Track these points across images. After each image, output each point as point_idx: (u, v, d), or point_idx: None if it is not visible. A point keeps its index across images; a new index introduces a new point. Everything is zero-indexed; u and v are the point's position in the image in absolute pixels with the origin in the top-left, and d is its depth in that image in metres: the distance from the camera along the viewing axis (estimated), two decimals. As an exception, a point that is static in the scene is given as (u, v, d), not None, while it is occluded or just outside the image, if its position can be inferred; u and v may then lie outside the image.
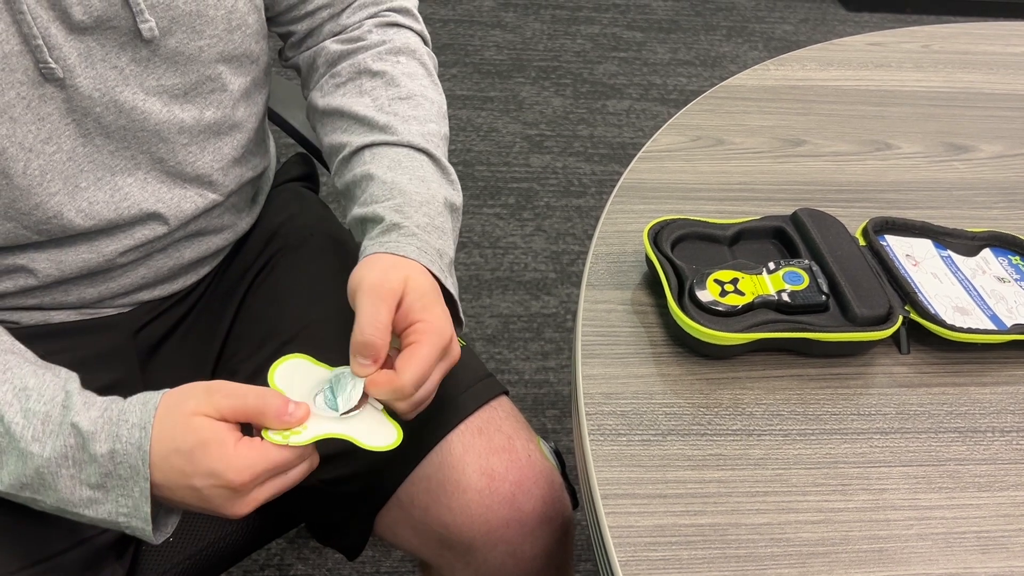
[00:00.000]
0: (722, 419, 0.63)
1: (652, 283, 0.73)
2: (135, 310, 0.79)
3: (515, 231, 2.00)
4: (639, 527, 0.55)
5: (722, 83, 1.02)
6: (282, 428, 0.58)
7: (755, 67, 1.05)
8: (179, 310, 0.83)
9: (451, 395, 0.75)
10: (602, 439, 0.61)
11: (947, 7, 3.06)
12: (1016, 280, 0.74)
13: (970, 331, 0.67)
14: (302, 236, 0.88)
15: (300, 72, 0.85)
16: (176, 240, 0.77)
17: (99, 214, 0.70)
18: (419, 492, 0.74)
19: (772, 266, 0.69)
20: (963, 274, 0.74)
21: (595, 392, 0.64)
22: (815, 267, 0.69)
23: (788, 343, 0.67)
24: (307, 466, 0.60)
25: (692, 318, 0.65)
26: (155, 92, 0.69)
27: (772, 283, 0.68)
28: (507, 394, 0.79)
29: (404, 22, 0.83)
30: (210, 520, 0.80)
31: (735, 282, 0.68)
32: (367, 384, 0.61)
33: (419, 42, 0.83)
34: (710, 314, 0.65)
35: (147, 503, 0.57)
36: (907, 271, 0.72)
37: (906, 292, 0.70)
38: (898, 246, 0.75)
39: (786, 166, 0.89)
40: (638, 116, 2.41)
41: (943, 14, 3.05)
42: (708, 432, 0.62)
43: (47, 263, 0.70)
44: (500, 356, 1.71)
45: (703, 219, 0.75)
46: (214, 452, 0.56)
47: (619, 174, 0.87)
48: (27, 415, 0.57)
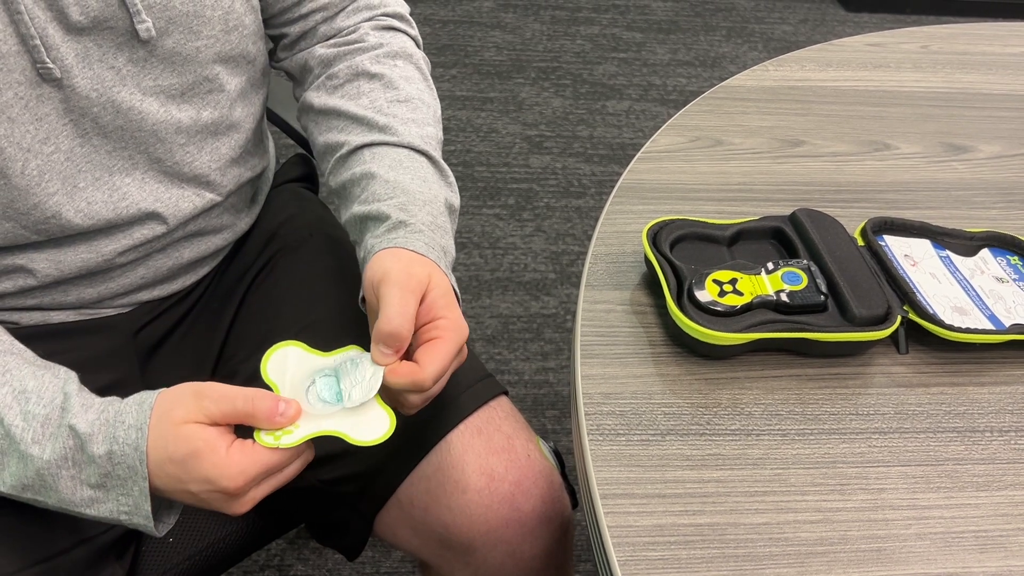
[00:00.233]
0: (721, 419, 0.63)
1: (651, 283, 0.73)
2: (135, 310, 0.79)
3: (515, 232, 2.00)
4: (638, 527, 0.55)
5: (721, 84, 1.02)
6: (273, 429, 0.58)
7: (754, 68, 1.05)
8: (179, 310, 0.83)
9: (451, 395, 0.75)
10: (601, 439, 0.61)
11: (946, 8, 3.06)
12: (1014, 280, 0.74)
13: (968, 331, 0.67)
14: (302, 236, 0.88)
15: (292, 75, 0.85)
16: (175, 240, 0.77)
17: (98, 214, 0.70)
18: (419, 492, 0.74)
19: (771, 266, 0.69)
20: (961, 274, 0.74)
21: (594, 392, 0.64)
22: (814, 267, 0.70)
23: (787, 343, 0.67)
24: (302, 461, 0.60)
25: (691, 318, 0.65)
26: (152, 92, 0.69)
27: (771, 283, 0.68)
28: (507, 394, 0.79)
29: (400, 26, 0.84)
30: (210, 521, 0.80)
31: (734, 282, 0.68)
32: (387, 373, 0.61)
33: (414, 47, 0.84)
34: (709, 314, 0.65)
35: (147, 501, 0.57)
36: (906, 271, 0.72)
37: (904, 292, 0.70)
38: (897, 246, 0.75)
39: (785, 166, 0.89)
40: (638, 117, 2.42)
41: (942, 14, 3.05)
42: (707, 432, 0.62)
43: (46, 263, 0.70)
44: (500, 356, 1.71)
45: (702, 219, 0.75)
46: (206, 460, 0.56)
47: (619, 175, 0.87)
48: (27, 418, 0.57)
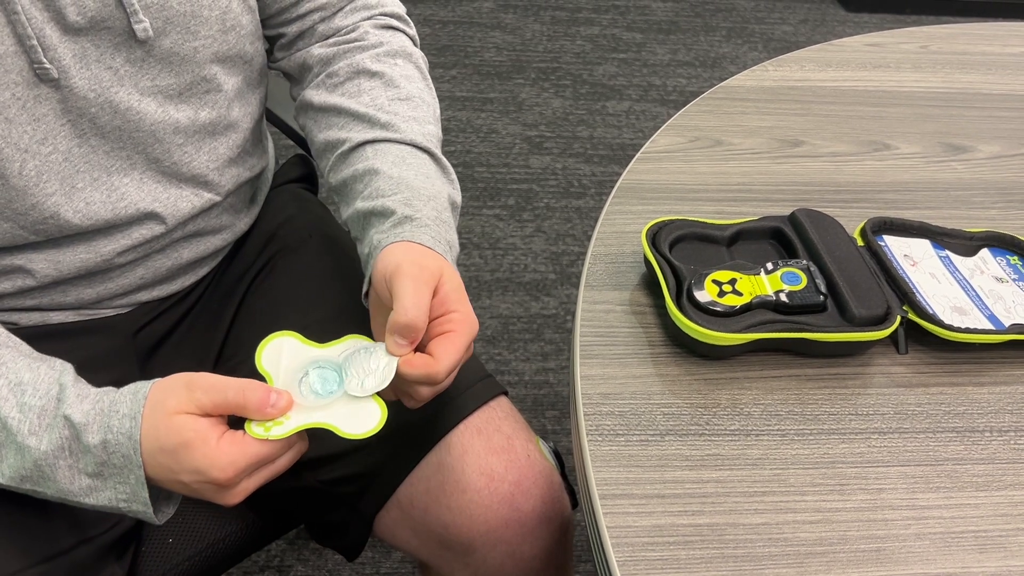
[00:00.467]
0: (720, 419, 0.63)
1: (650, 284, 0.73)
2: (134, 311, 0.79)
3: (515, 232, 2.00)
4: (637, 527, 0.55)
5: (721, 84, 1.02)
6: (264, 420, 0.57)
7: (754, 68, 1.05)
8: (178, 311, 0.83)
9: (450, 395, 0.75)
10: (600, 439, 0.61)
11: (946, 8, 3.06)
12: (1014, 280, 0.74)
13: (968, 331, 0.67)
14: (301, 237, 0.88)
15: (289, 75, 0.85)
16: (174, 240, 0.77)
17: (96, 214, 0.70)
18: (418, 493, 0.74)
19: (770, 266, 0.69)
20: (961, 274, 0.74)
21: (593, 392, 0.64)
22: (813, 267, 0.70)
23: (786, 343, 0.67)
24: (294, 453, 0.60)
25: (690, 318, 0.65)
26: (150, 92, 0.69)
27: (770, 283, 0.68)
28: (506, 394, 0.79)
29: (398, 25, 0.84)
30: (210, 521, 0.80)
31: (733, 282, 0.68)
32: (402, 364, 0.61)
33: (413, 46, 0.84)
34: (708, 314, 0.65)
35: (144, 489, 0.58)
36: (905, 271, 0.72)
37: (904, 292, 0.70)
38: (896, 246, 0.75)
39: (784, 167, 0.89)
40: (638, 117, 2.42)
41: (942, 15, 3.05)
42: (706, 432, 0.62)
43: (45, 263, 0.70)
44: (500, 357, 1.71)
45: (701, 220, 0.75)
46: (197, 451, 0.56)
47: (619, 175, 0.87)
48: (23, 409, 0.58)
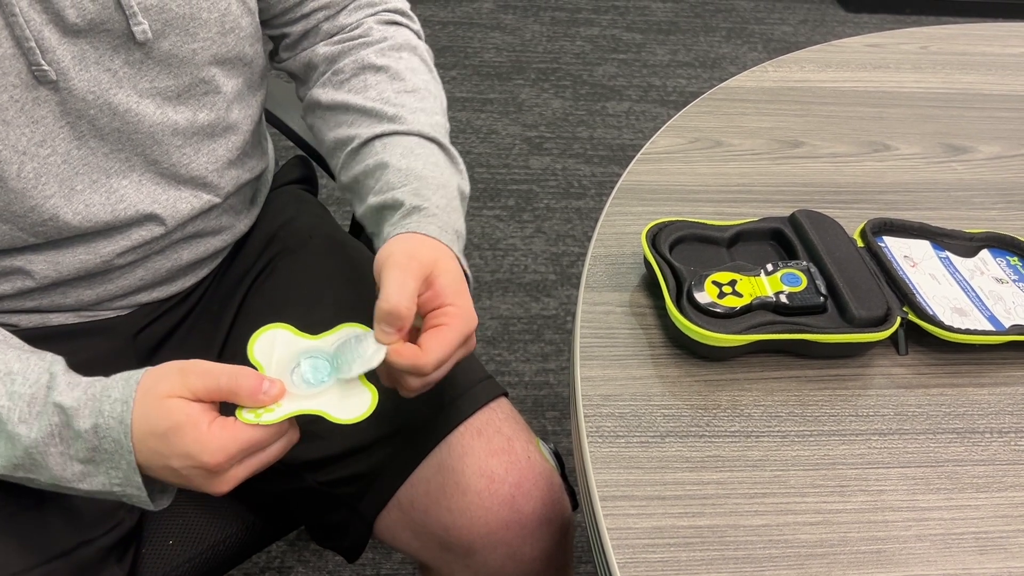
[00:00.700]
0: (720, 421, 0.63)
1: (650, 285, 0.73)
2: (134, 313, 0.79)
3: (515, 233, 2.00)
4: (637, 529, 0.55)
5: (721, 85, 1.02)
6: (256, 407, 0.57)
7: (753, 68, 1.05)
8: (178, 313, 0.83)
9: (451, 397, 0.75)
10: (600, 441, 0.61)
11: (946, 8, 3.06)
12: (1014, 281, 0.74)
13: (968, 332, 0.67)
14: (301, 239, 0.88)
15: (295, 75, 0.85)
16: (174, 241, 0.77)
17: (95, 216, 0.70)
18: (419, 494, 0.74)
19: (770, 268, 0.69)
20: (961, 275, 0.74)
21: (593, 394, 0.64)
22: (813, 268, 0.69)
23: (786, 344, 0.67)
24: (285, 442, 0.60)
25: (690, 320, 0.65)
26: (149, 94, 0.69)
27: (770, 285, 0.68)
28: (506, 396, 0.79)
29: (402, 21, 0.84)
30: (211, 523, 0.80)
31: (733, 284, 0.68)
32: (390, 352, 0.60)
33: (417, 39, 0.84)
34: (708, 316, 0.65)
35: (136, 474, 0.57)
36: (905, 272, 0.72)
37: (904, 293, 0.70)
38: (896, 247, 0.75)
39: (784, 167, 0.89)
40: (637, 118, 2.42)
41: (942, 15, 3.05)
42: (706, 434, 0.62)
43: (44, 264, 0.70)
44: (500, 358, 1.71)
45: (701, 221, 0.75)
46: (188, 435, 0.56)
47: (619, 176, 0.87)
48: (12, 398, 0.57)
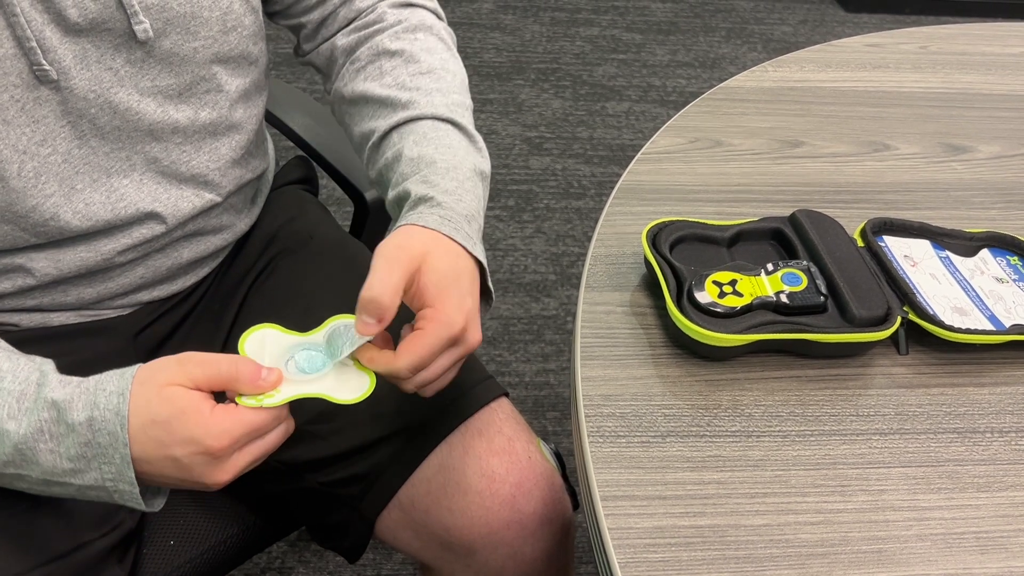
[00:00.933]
0: (721, 420, 0.63)
1: (651, 285, 0.73)
2: (135, 312, 0.79)
3: (515, 233, 2.00)
4: (638, 528, 0.55)
5: (721, 85, 1.02)
6: (255, 393, 0.57)
7: (753, 68, 1.05)
8: (179, 312, 0.83)
9: (451, 397, 0.75)
10: (601, 441, 0.61)
11: (946, 8, 3.06)
12: (1014, 280, 0.74)
13: (968, 332, 0.67)
14: (302, 239, 0.88)
15: (319, 69, 0.85)
16: (174, 240, 0.77)
17: (96, 215, 0.70)
18: (419, 494, 0.74)
19: (770, 267, 0.69)
20: (961, 275, 0.74)
21: (594, 394, 0.64)
22: (813, 268, 0.70)
23: (787, 344, 0.67)
24: (283, 430, 0.60)
25: (691, 320, 0.65)
26: (150, 93, 0.69)
27: (770, 284, 0.68)
28: (507, 396, 0.79)
29: (418, 2, 0.83)
30: (212, 523, 0.80)
31: (733, 283, 0.68)
32: (364, 359, 0.61)
33: (435, 19, 0.83)
34: (709, 315, 0.65)
35: (129, 468, 0.57)
36: (905, 272, 0.72)
37: (904, 293, 0.70)
38: (896, 247, 0.75)
39: (784, 167, 0.89)
40: (637, 118, 2.42)
41: (941, 15, 3.05)
42: (707, 434, 0.62)
43: (45, 262, 0.70)
44: (500, 358, 1.71)
45: (701, 221, 0.75)
46: (191, 419, 0.56)
47: (619, 176, 0.87)
48: (0, 395, 0.57)
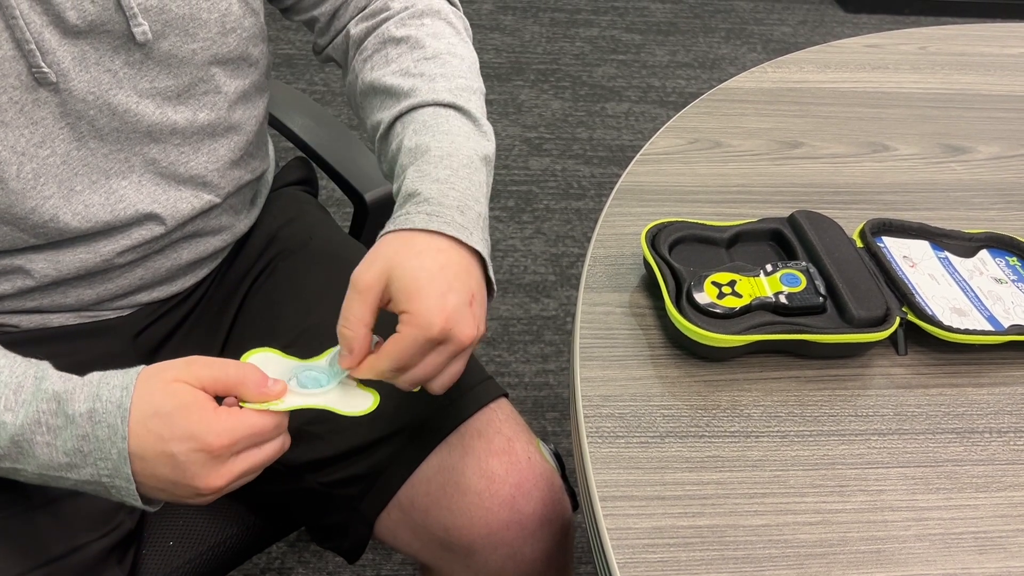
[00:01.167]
0: (720, 421, 0.63)
1: (650, 285, 0.73)
2: (134, 313, 0.79)
3: (515, 234, 2.00)
4: (637, 529, 0.56)
5: (720, 85, 1.02)
6: (260, 400, 0.58)
7: (753, 69, 1.05)
8: (178, 313, 0.83)
9: (450, 398, 0.75)
10: (600, 441, 0.61)
11: (945, 8, 3.06)
12: (1013, 281, 0.74)
13: (967, 332, 0.68)
14: (301, 240, 0.88)
15: (338, 63, 0.85)
16: (174, 241, 0.77)
17: (95, 216, 0.70)
18: (419, 495, 0.74)
19: (769, 268, 0.70)
20: (960, 275, 0.74)
21: (593, 394, 0.64)
22: (812, 269, 0.70)
23: (786, 345, 0.67)
24: (280, 442, 0.60)
25: (690, 320, 0.65)
26: (149, 94, 0.69)
27: (769, 285, 0.68)
28: (507, 396, 0.79)
29: None
30: (211, 524, 0.80)
31: (732, 284, 0.68)
32: (354, 372, 0.62)
33: (444, 3, 0.81)
34: (708, 316, 0.65)
35: (126, 464, 0.56)
36: (904, 272, 0.72)
37: (903, 293, 0.70)
38: (895, 248, 0.75)
39: (783, 168, 0.89)
40: (637, 119, 2.42)
41: (941, 15, 3.05)
42: (706, 434, 0.62)
43: (44, 264, 0.70)
44: (500, 359, 1.71)
45: (700, 221, 0.75)
46: (194, 414, 0.56)
47: (618, 176, 0.87)
48: None
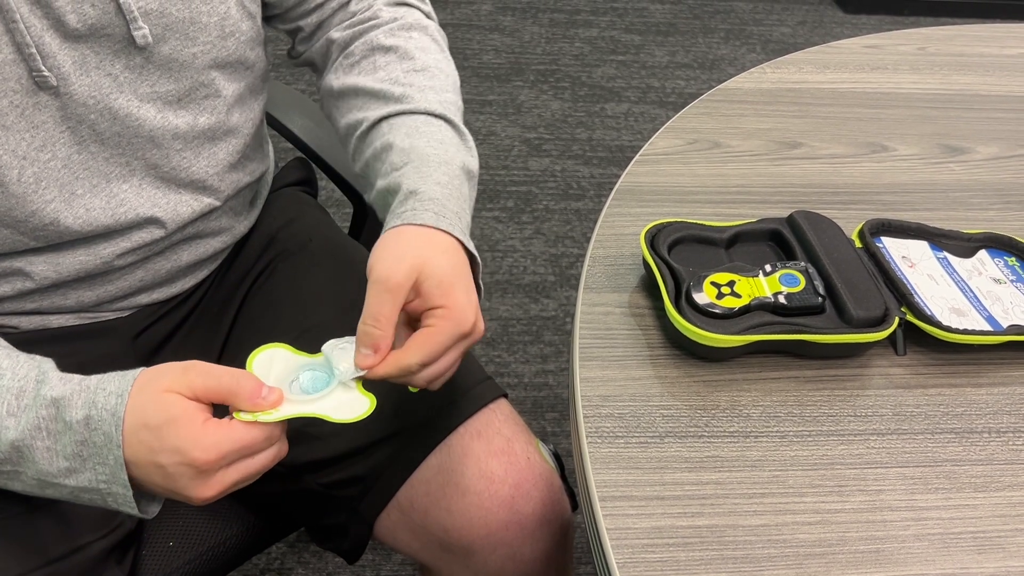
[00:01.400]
0: (719, 421, 0.63)
1: (649, 286, 0.73)
2: (134, 314, 0.79)
3: (514, 234, 2.00)
4: (636, 529, 0.56)
5: (719, 86, 1.02)
6: (254, 410, 0.57)
7: (752, 70, 1.06)
8: (178, 314, 0.83)
9: (450, 398, 0.75)
10: (600, 441, 0.61)
11: (944, 9, 3.07)
12: (1012, 281, 0.74)
13: (966, 332, 0.68)
14: (301, 241, 0.88)
15: (315, 66, 0.85)
16: (174, 243, 0.77)
17: (96, 220, 0.70)
18: (418, 495, 0.74)
19: (768, 268, 0.70)
20: (959, 275, 0.74)
21: (593, 395, 0.64)
22: (811, 269, 0.70)
23: (785, 345, 0.67)
24: (275, 452, 0.59)
25: (689, 320, 0.65)
26: (149, 99, 0.69)
27: (768, 285, 0.68)
28: (506, 397, 0.79)
29: (413, 2, 0.84)
30: (211, 524, 0.80)
31: (732, 284, 0.68)
32: (374, 371, 0.61)
33: (428, 20, 0.84)
34: (707, 316, 0.66)
35: (123, 470, 0.56)
36: (903, 273, 0.72)
37: (902, 294, 0.70)
38: (894, 248, 0.75)
39: (782, 168, 0.89)
40: (636, 119, 2.42)
41: (940, 16, 3.06)
42: (705, 434, 0.62)
43: (44, 266, 0.71)
44: (499, 359, 1.71)
45: (700, 222, 0.75)
46: (182, 429, 0.55)
47: (618, 177, 0.87)
48: (0, 392, 0.57)
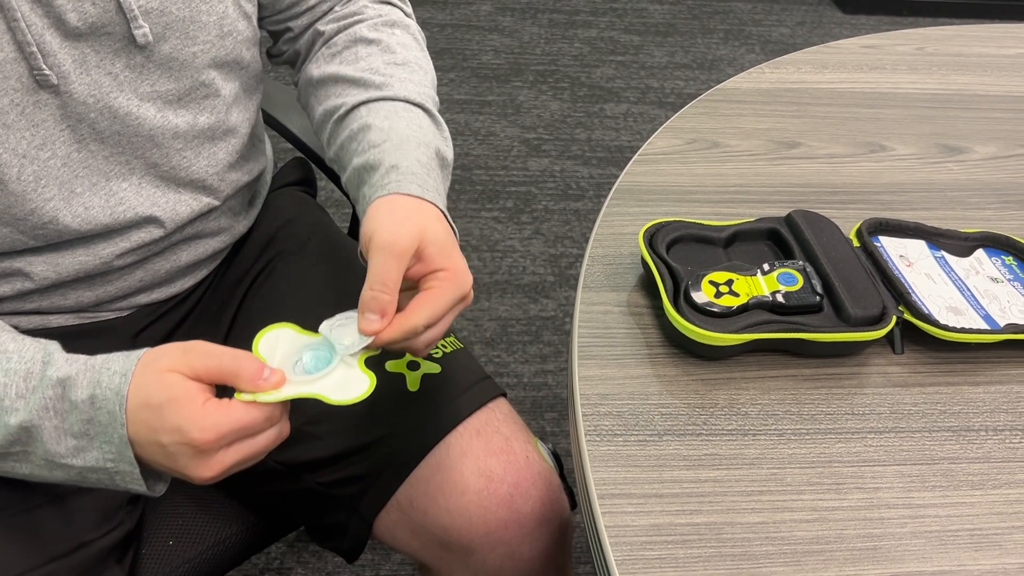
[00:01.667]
0: (717, 419, 0.63)
1: (648, 285, 0.73)
2: (134, 314, 0.79)
3: (513, 235, 2.01)
4: (635, 527, 0.56)
5: (718, 86, 1.02)
6: (254, 391, 0.58)
7: (750, 70, 1.06)
8: (177, 314, 0.83)
9: (449, 397, 0.75)
10: (598, 439, 0.61)
11: (942, 9, 3.07)
12: (1009, 280, 0.75)
13: (963, 331, 0.68)
14: (300, 240, 0.88)
15: (295, 60, 0.86)
16: (173, 243, 0.77)
17: (95, 219, 0.70)
18: (417, 494, 0.75)
19: (767, 267, 0.70)
20: (956, 274, 0.74)
21: (591, 393, 0.64)
22: (809, 268, 0.70)
23: (783, 343, 0.67)
24: (276, 432, 0.60)
25: (687, 319, 0.65)
26: (149, 98, 0.69)
27: (767, 284, 0.68)
28: (505, 396, 0.80)
29: (396, 3, 0.87)
30: (211, 524, 0.80)
31: (730, 283, 0.68)
32: (379, 336, 0.61)
33: (409, 20, 0.86)
34: (705, 315, 0.66)
35: (128, 448, 0.57)
36: (901, 272, 0.73)
37: (900, 292, 0.70)
38: (892, 247, 0.76)
39: (781, 168, 0.89)
40: (635, 119, 2.42)
41: (938, 16, 3.06)
42: (704, 432, 0.62)
43: (43, 266, 0.71)
44: (499, 359, 1.71)
45: (698, 221, 0.75)
46: (182, 409, 0.56)
47: (616, 177, 0.87)
48: (8, 374, 0.57)
